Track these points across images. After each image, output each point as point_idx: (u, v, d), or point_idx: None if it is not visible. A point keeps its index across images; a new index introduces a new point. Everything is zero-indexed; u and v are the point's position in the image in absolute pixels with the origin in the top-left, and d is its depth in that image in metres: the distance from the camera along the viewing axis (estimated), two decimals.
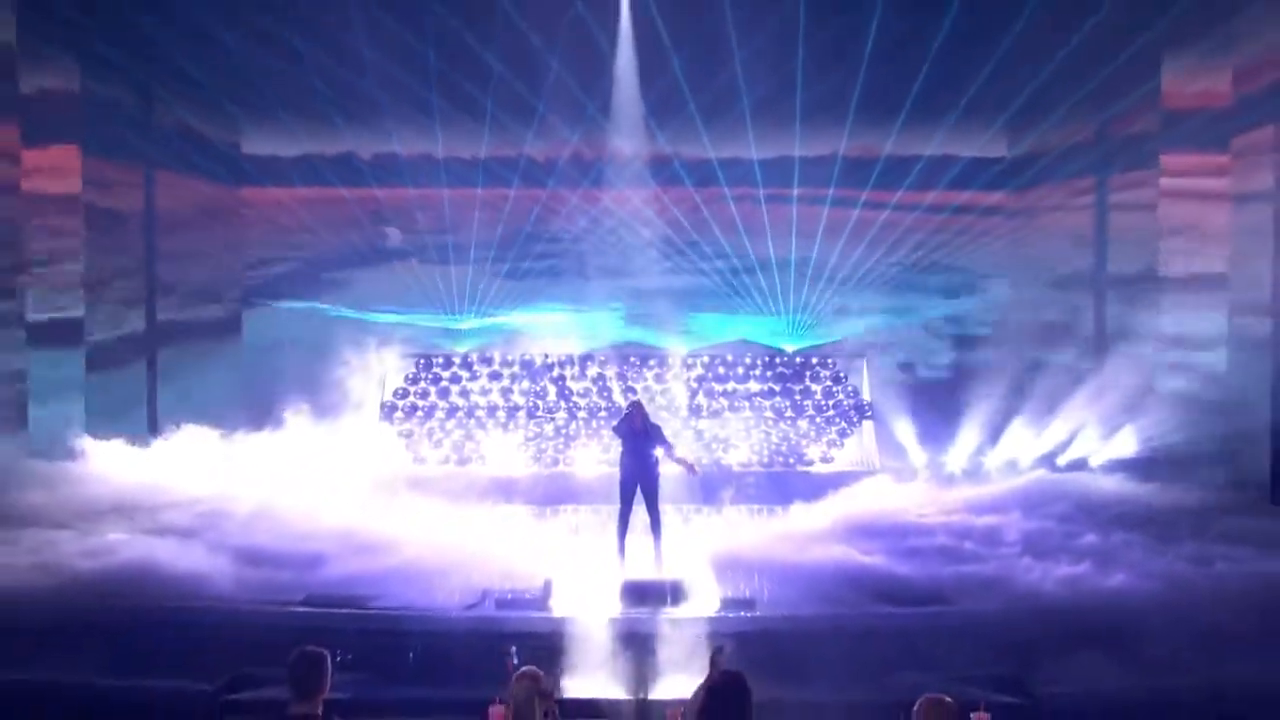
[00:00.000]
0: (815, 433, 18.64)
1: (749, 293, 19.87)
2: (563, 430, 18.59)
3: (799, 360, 19.62)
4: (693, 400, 18.98)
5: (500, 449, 18.26)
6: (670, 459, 12.68)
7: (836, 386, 19.26)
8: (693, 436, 18.15)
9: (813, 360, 19.59)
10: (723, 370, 19.39)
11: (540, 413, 18.79)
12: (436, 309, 20.00)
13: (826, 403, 19.02)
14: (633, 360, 19.52)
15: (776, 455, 18.33)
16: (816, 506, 14.73)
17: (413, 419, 18.85)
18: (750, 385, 19.20)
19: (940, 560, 12.37)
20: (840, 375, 19.44)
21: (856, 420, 18.86)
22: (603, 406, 18.70)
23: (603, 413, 18.46)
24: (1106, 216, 18.90)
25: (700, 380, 19.27)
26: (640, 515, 12.41)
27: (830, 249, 19.42)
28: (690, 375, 19.30)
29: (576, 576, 11.37)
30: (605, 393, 19.05)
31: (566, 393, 19.10)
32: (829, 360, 19.60)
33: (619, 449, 12.69)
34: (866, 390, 19.17)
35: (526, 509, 15.48)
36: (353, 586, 11.28)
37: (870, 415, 18.83)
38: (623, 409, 13.57)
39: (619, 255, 19.52)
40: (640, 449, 12.41)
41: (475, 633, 10.21)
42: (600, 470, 16.61)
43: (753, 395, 19.02)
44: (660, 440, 12.57)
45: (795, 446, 18.46)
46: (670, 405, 18.60)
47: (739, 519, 15.14)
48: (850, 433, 18.77)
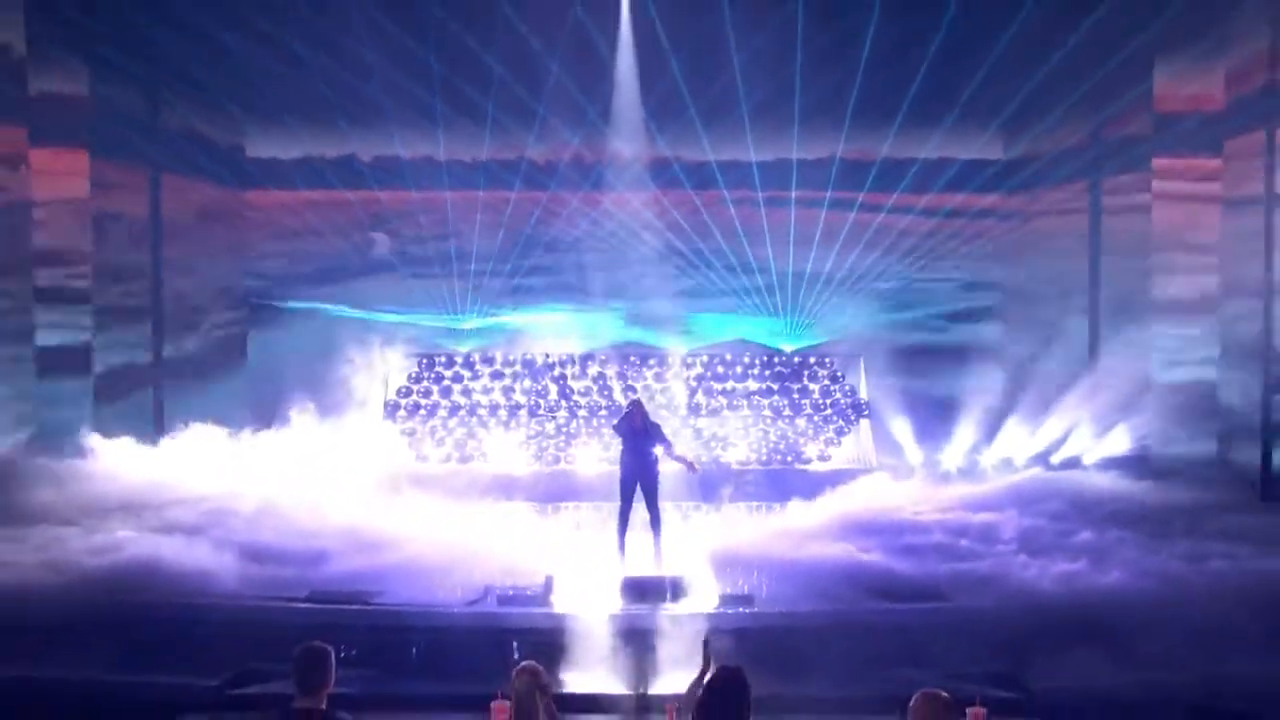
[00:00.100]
0: (813, 431, 18.69)
1: (747, 293, 19.92)
2: (564, 429, 18.66)
3: (797, 360, 19.69)
4: (692, 399, 19.05)
5: (502, 447, 18.32)
6: (670, 457, 12.66)
7: (834, 385, 19.34)
8: (692, 435, 18.21)
9: (810, 360, 19.65)
10: (721, 369, 19.45)
11: (541, 411, 18.85)
12: (439, 309, 20.03)
13: (824, 401, 19.08)
14: (633, 359, 19.57)
15: (775, 453, 18.39)
16: (814, 504, 14.74)
17: (416, 417, 18.91)
18: (749, 384, 19.28)
19: (937, 557, 12.41)
20: (838, 374, 19.50)
21: (854, 419, 18.91)
22: (603, 405, 18.76)
23: (603, 411, 18.52)
24: (1100, 218, 18.94)
25: (699, 379, 19.34)
26: (640, 512, 12.42)
27: (828, 250, 19.46)
28: (689, 374, 19.36)
29: (577, 573, 11.37)
30: (605, 392, 19.11)
31: (567, 392, 19.17)
32: (826, 359, 19.67)
33: (619, 447, 12.69)
34: (863, 389, 19.22)
35: (528, 506, 15.46)
36: (357, 583, 11.34)
37: (867, 414, 18.87)
38: (623, 408, 13.55)
39: (619, 256, 19.55)
40: (640, 447, 12.41)
41: (477, 628, 10.28)
42: (601, 468, 16.65)
43: (751, 394, 19.09)
44: (660, 438, 12.56)
45: (793, 445, 18.52)
46: (670, 404, 18.65)
47: (738, 516, 15.17)
48: (847, 431, 18.82)
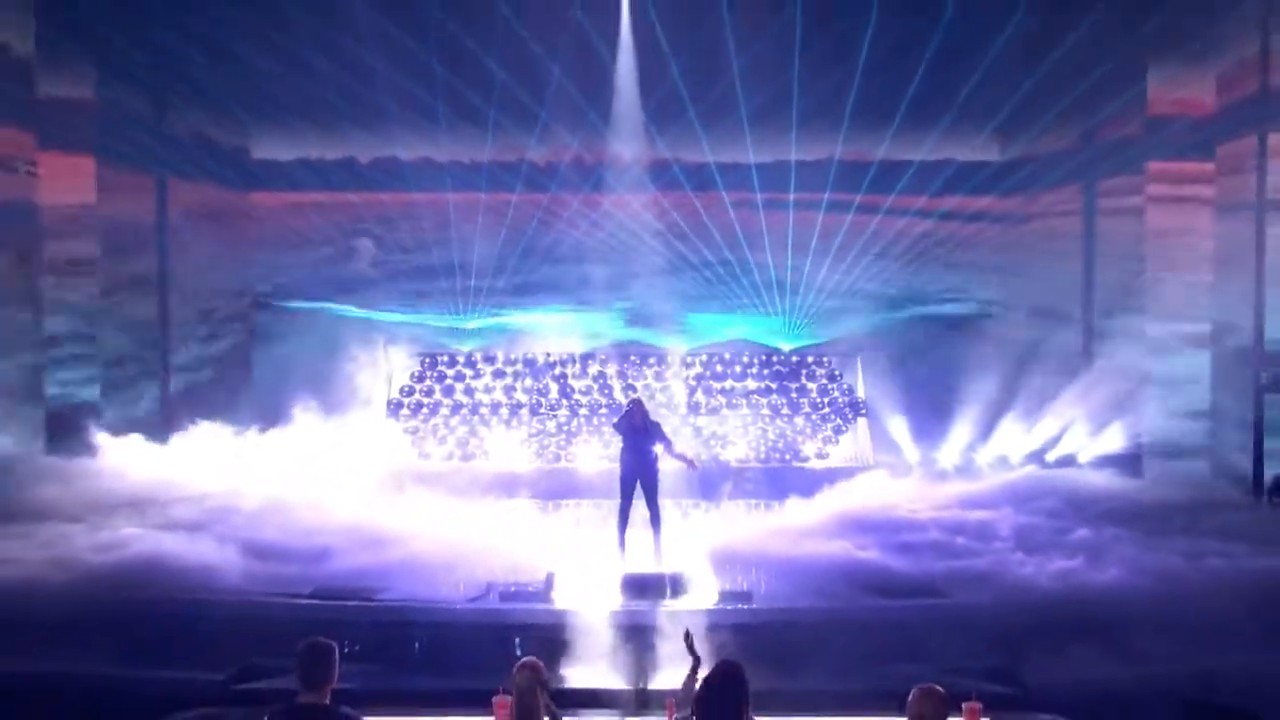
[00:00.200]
0: (811, 429, 18.77)
1: (746, 293, 19.98)
2: (564, 427, 18.73)
3: (795, 359, 19.78)
4: (691, 398, 19.15)
5: (504, 445, 18.41)
6: (670, 455, 12.64)
7: (832, 384, 19.43)
8: (691, 433, 18.25)
9: (809, 359, 19.74)
10: (721, 368, 19.56)
11: (543, 410, 18.93)
12: (442, 309, 20.13)
13: (822, 400, 19.17)
14: (633, 359, 19.68)
15: (773, 451, 18.46)
16: (812, 502, 14.81)
17: (419, 416, 19.00)
18: (748, 383, 19.38)
19: (933, 555, 12.48)
20: (835, 373, 19.60)
21: (851, 417, 18.98)
22: (603, 404, 18.84)
23: (603, 410, 18.59)
24: (1095, 220, 19.03)
25: (699, 378, 19.44)
26: (640, 510, 12.41)
27: (826, 250, 19.52)
28: (689, 373, 19.46)
29: (578, 570, 11.44)
30: (606, 390, 19.21)
31: (568, 390, 19.27)
32: (824, 359, 19.76)
33: (619, 445, 12.66)
34: (861, 388, 19.30)
35: (529, 504, 15.52)
36: (360, 579, 11.39)
37: (865, 412, 18.93)
38: (623, 406, 13.50)
39: (620, 257, 19.59)
40: (640, 445, 12.41)
41: (479, 624, 10.32)
42: (601, 466, 16.70)
43: (750, 393, 19.18)
44: (660, 437, 12.53)
45: (791, 443, 18.59)
46: (670, 403, 18.73)
47: (736, 514, 15.23)
48: (845, 429, 18.87)
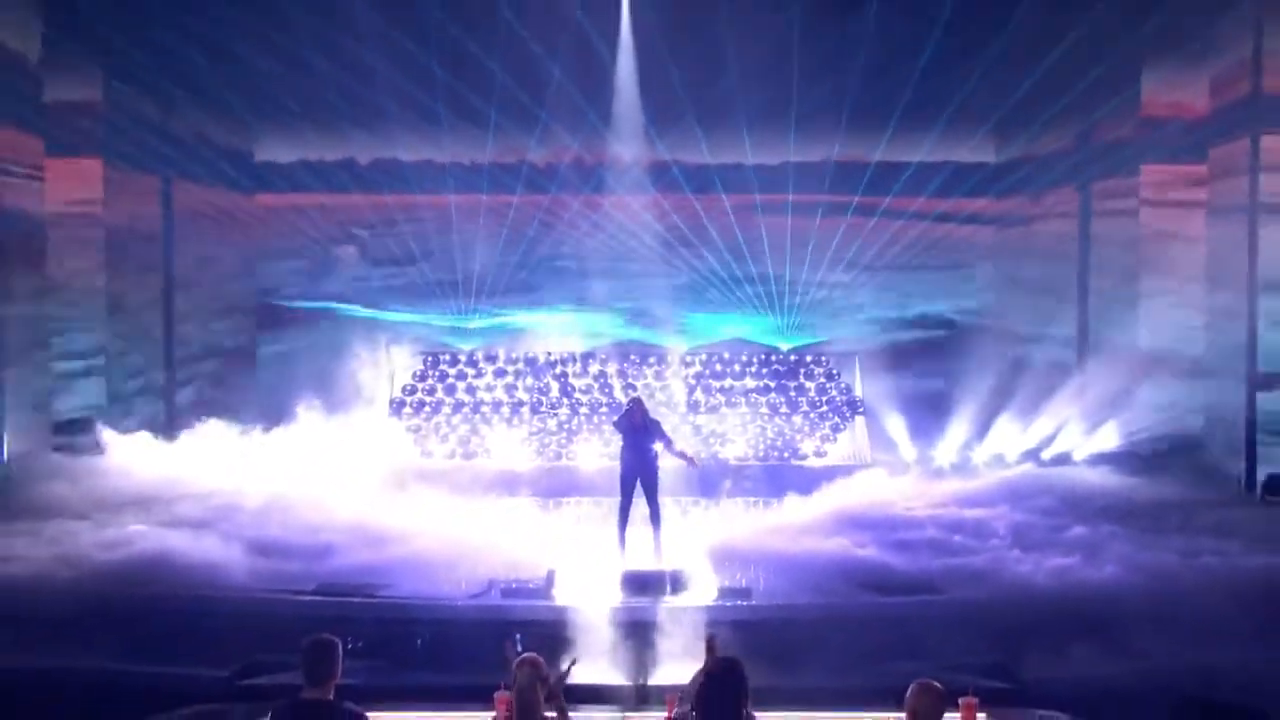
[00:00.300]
0: (809, 428, 18.82)
1: (745, 293, 20.11)
2: (565, 425, 18.80)
3: (793, 358, 19.90)
4: (691, 396, 19.23)
5: (505, 443, 18.45)
6: (670, 453, 12.66)
7: (830, 383, 19.53)
8: (691, 431, 18.30)
9: (807, 358, 19.87)
10: (720, 368, 19.66)
11: (544, 408, 19.01)
12: (445, 309, 20.24)
13: (820, 399, 19.26)
14: (633, 358, 19.80)
15: (772, 450, 18.50)
16: (810, 499, 14.86)
17: (421, 414, 19.07)
18: (746, 382, 19.48)
19: (930, 552, 12.52)
20: (833, 372, 19.70)
21: (849, 416, 19.05)
22: (604, 402, 18.91)
23: (604, 408, 18.66)
24: (1090, 221, 19.13)
25: (698, 377, 19.54)
26: (640, 508, 12.42)
27: (824, 251, 19.64)
28: (689, 372, 19.56)
29: (578, 567, 11.45)
30: (606, 389, 19.29)
31: (569, 389, 19.35)
32: (823, 358, 19.87)
33: (619, 444, 12.68)
34: (859, 387, 19.40)
35: (530, 501, 15.58)
36: (363, 576, 11.46)
37: (862, 411, 19.01)
38: (623, 405, 13.56)
39: (619, 257, 19.72)
40: (640, 444, 12.42)
41: (481, 621, 10.29)
42: (601, 464, 16.70)
43: (749, 392, 19.27)
44: (660, 435, 12.54)
45: (790, 441, 18.64)
46: (669, 401, 18.80)
47: (735, 511, 15.24)
48: (843, 428, 18.92)
